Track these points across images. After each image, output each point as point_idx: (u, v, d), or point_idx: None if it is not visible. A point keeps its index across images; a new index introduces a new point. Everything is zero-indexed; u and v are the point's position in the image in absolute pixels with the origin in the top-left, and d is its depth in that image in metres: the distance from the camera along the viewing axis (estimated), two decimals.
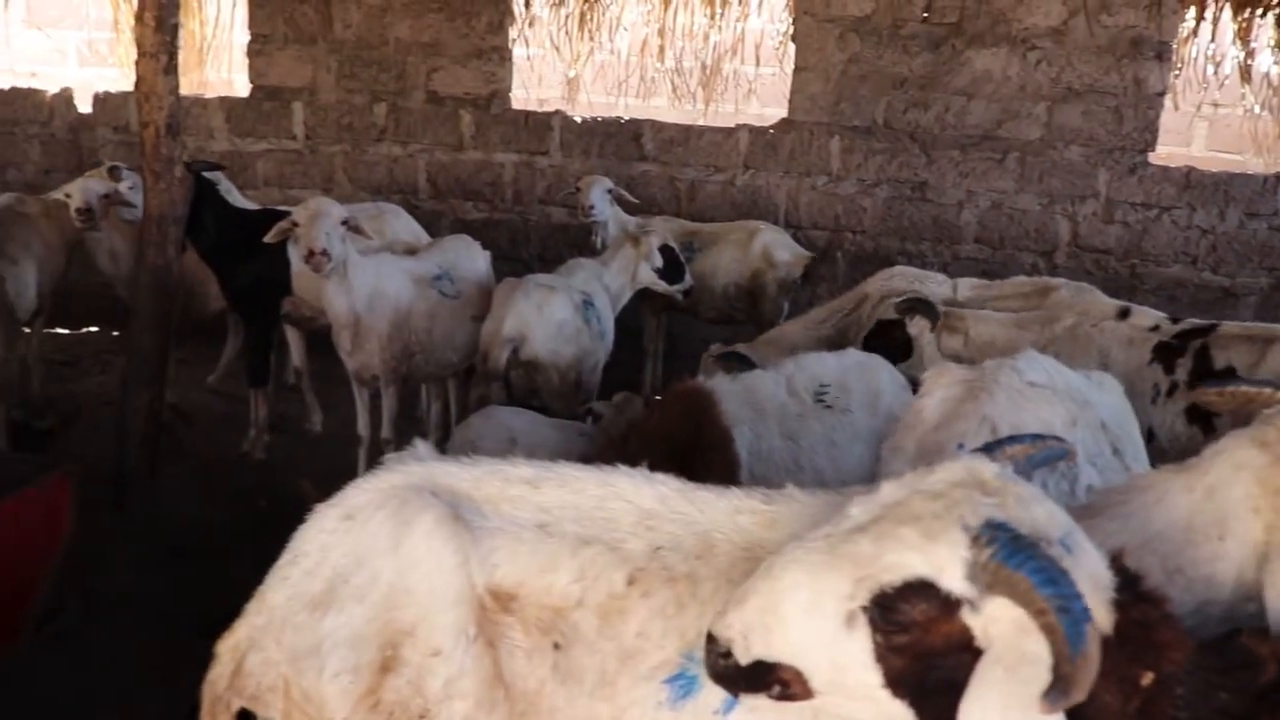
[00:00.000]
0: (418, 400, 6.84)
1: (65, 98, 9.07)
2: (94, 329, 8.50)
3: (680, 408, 3.90)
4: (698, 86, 9.18)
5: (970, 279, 6.19)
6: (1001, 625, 1.72)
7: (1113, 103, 7.82)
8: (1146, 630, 1.80)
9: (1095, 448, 3.20)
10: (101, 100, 9.03)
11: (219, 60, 9.57)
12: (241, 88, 9.24)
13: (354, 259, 5.41)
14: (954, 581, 1.72)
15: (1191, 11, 7.99)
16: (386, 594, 2.16)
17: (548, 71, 9.31)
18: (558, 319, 5.43)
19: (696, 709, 2.06)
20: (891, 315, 5.34)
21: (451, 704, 2.16)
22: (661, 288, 6.13)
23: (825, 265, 7.68)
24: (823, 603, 1.79)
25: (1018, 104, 7.95)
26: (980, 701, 1.69)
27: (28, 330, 6.67)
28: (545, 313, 5.40)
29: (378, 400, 5.79)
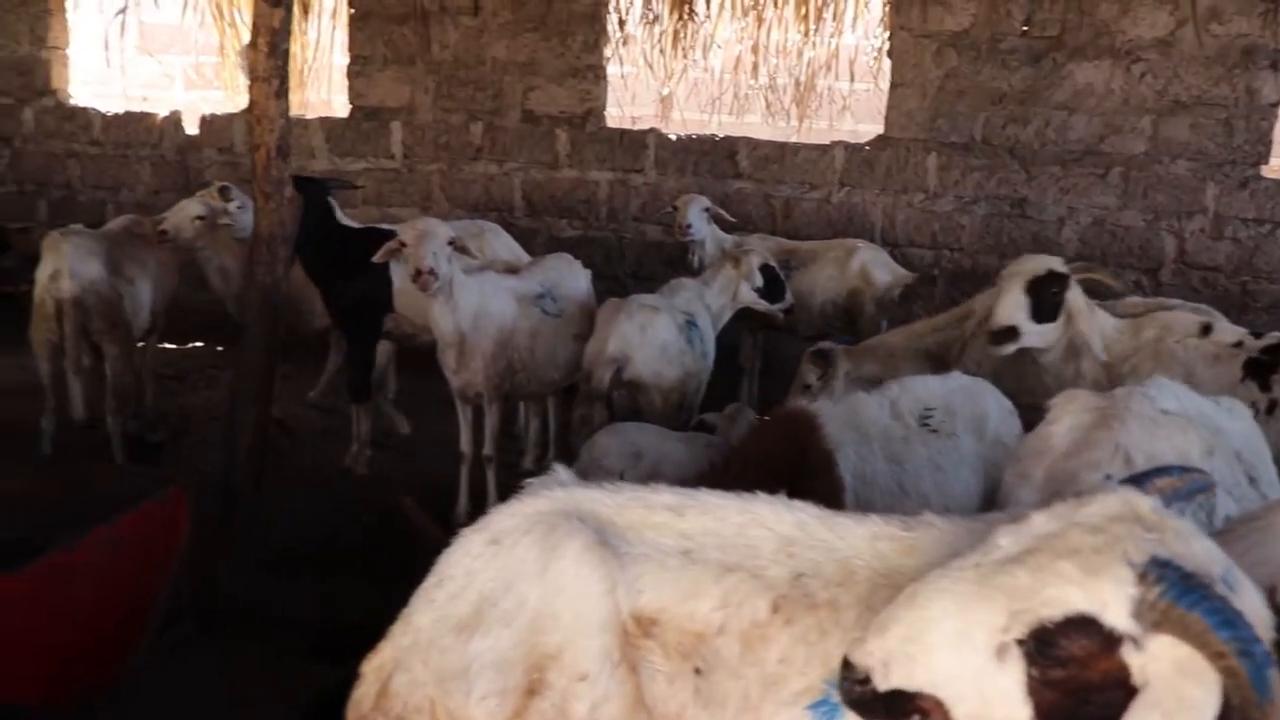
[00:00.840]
0: (515, 417, 6.91)
1: (174, 120, 9.36)
2: (199, 344, 8.71)
3: (783, 430, 3.89)
4: (791, 103, 9.17)
5: None
6: (1161, 665, 1.68)
7: (1223, 115, 7.60)
8: None
9: (1231, 477, 3.12)
10: (208, 122, 9.30)
11: (319, 81, 9.81)
12: (341, 108, 9.45)
13: (459, 278, 5.48)
14: (1118, 619, 1.69)
15: None
16: (533, 618, 2.18)
17: (641, 90, 9.37)
18: (661, 340, 5.44)
19: None
20: None
21: None
22: (762, 307, 6.10)
23: (922, 283, 7.58)
24: (973, 634, 1.77)
25: (1121, 118, 7.78)
26: None
27: (141, 345, 6.88)
28: (649, 334, 5.41)
29: (480, 417, 5.85)
